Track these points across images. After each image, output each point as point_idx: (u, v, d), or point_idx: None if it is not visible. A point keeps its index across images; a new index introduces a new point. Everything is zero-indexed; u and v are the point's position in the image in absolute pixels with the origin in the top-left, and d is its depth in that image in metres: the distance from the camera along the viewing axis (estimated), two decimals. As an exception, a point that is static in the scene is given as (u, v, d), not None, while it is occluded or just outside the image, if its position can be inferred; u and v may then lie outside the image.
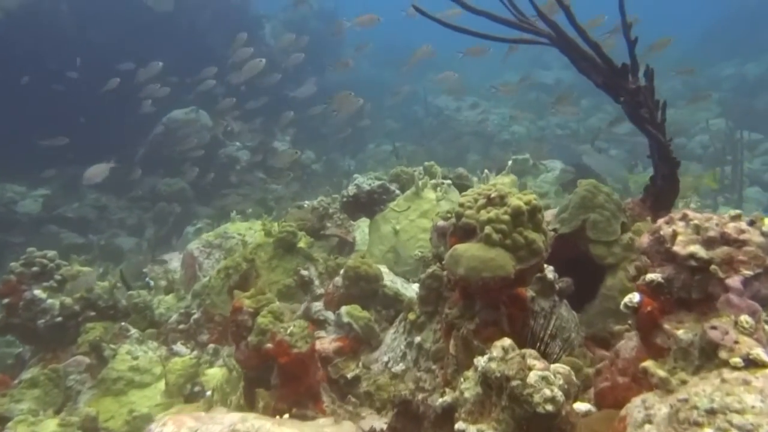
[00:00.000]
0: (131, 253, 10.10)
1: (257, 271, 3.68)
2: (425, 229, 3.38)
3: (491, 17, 2.40)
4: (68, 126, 11.19)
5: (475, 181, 7.37)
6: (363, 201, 3.65)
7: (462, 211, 1.99)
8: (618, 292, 2.34)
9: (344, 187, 11.65)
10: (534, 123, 16.97)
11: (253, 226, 4.71)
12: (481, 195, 2.02)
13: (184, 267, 4.53)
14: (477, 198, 2.01)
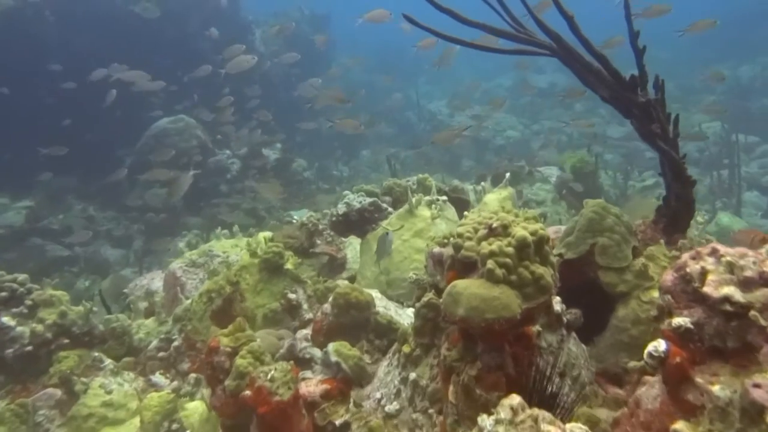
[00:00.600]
0: (118, 265, 9.87)
1: (242, 295, 3.47)
2: (419, 250, 3.18)
3: (488, 30, 2.20)
4: (53, 135, 10.96)
5: (470, 191, 7.19)
6: (353, 220, 3.45)
7: (461, 243, 1.78)
8: (631, 323, 2.15)
9: (337, 194, 11.44)
10: (528, 127, 16.85)
11: (239, 243, 4.49)
12: (482, 224, 1.81)
13: (165, 288, 4.30)
14: (477, 228, 1.81)
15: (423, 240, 3.21)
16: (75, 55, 11.06)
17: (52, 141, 10.69)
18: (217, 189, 11.03)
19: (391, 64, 22.88)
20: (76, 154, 11.12)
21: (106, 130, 11.54)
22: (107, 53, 11.35)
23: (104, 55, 11.33)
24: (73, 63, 10.96)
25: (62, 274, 9.35)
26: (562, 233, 2.47)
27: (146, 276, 4.81)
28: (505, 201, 4.13)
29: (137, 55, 11.59)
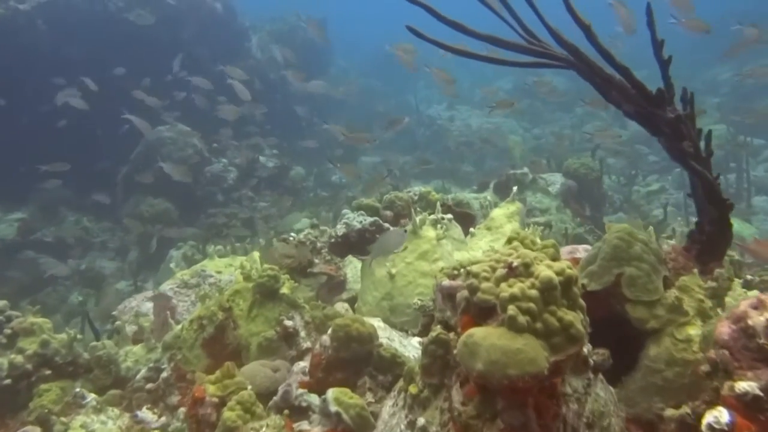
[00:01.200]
0: (113, 278, 9.64)
1: (235, 322, 3.25)
2: (425, 273, 2.96)
3: (499, 43, 1.99)
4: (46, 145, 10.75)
5: (473, 201, 6.98)
6: (353, 241, 3.23)
7: (477, 284, 1.56)
8: (665, 364, 1.93)
9: (336, 202, 11.22)
10: (529, 131, 16.65)
11: (233, 262, 4.27)
12: (500, 262, 1.59)
13: (155, 310, 4.08)
14: (494, 266, 1.59)
15: (428, 263, 2.99)
16: (68, 63, 10.86)
17: (45, 151, 10.50)
18: (213, 198, 10.82)
19: (389, 68, 22.73)
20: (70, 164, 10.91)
21: (101, 139, 11.33)
22: (101, 61, 11.17)
23: (98, 63, 11.15)
24: (66, 71, 10.76)
25: (55, 287, 9.13)
26: (582, 260, 2.25)
27: (136, 297, 4.59)
28: (513, 216, 3.92)
29: (131, 63, 11.41)
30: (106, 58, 11.19)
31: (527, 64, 2.08)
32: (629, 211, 10.46)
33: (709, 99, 16.13)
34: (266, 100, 14.13)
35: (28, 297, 8.88)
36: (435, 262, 2.98)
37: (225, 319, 3.25)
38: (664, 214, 8.27)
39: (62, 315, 8.48)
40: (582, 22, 1.91)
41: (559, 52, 2.02)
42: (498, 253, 1.63)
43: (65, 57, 10.82)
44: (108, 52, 11.23)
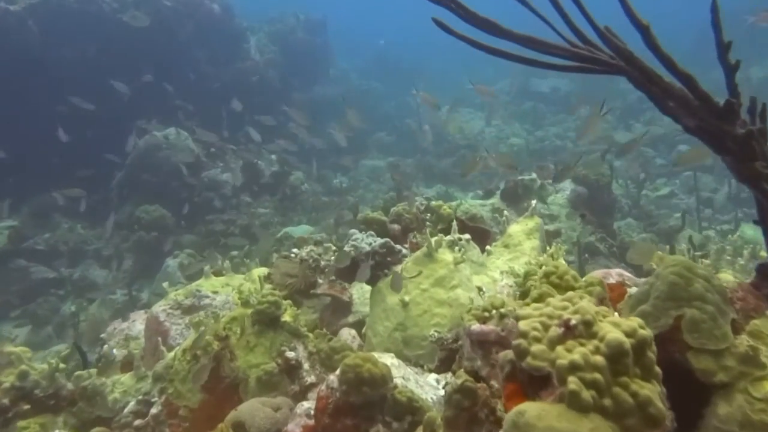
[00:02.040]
0: (107, 287, 9.33)
1: (232, 352, 2.95)
2: (441, 302, 2.67)
3: (537, 45, 1.71)
4: (41, 149, 10.48)
5: (483, 212, 6.67)
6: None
7: (526, 346, 1.27)
8: (738, 427, 1.63)
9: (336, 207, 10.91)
10: (532, 134, 16.36)
11: (230, 281, 3.97)
12: (553, 318, 1.30)
13: (146, 334, 3.79)
14: (546, 323, 1.30)
15: (445, 290, 2.70)
16: (61, 65, 10.58)
17: (40, 155, 10.22)
18: (211, 205, 10.51)
19: (389, 70, 22.46)
20: (65, 168, 10.64)
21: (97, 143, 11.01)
22: (95, 63, 10.88)
23: (92, 65, 10.86)
24: (59, 73, 10.47)
25: (47, 297, 8.83)
26: (631, 297, 1.96)
27: (127, 317, 4.29)
28: (532, 233, 3.63)
29: (126, 65, 11.12)
30: (101, 60, 10.91)
31: (569, 68, 1.79)
32: (639, 218, 10.18)
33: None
34: (264, 103, 13.87)
35: (20, 308, 8.59)
36: (453, 289, 2.69)
37: (221, 350, 2.96)
38: (683, 221, 7.99)
39: (54, 327, 8.19)
40: (640, 22, 1.63)
41: (607, 57, 1.73)
42: (549, 306, 1.33)
43: (58, 59, 10.52)
44: (102, 55, 10.94)
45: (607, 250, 7.62)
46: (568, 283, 1.87)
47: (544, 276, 1.90)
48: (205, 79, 13.22)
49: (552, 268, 1.89)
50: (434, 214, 3.94)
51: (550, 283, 1.89)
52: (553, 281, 1.89)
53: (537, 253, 3.57)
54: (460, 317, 2.67)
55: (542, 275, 1.91)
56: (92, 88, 10.65)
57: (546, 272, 1.88)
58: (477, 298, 2.79)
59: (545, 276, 1.89)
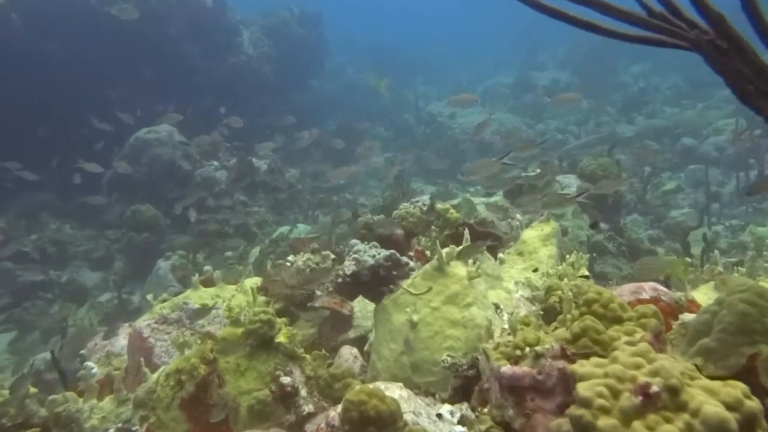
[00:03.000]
0: (97, 290, 9.02)
1: (221, 377, 2.65)
2: (455, 322, 2.37)
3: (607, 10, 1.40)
4: (25, 146, 10.13)
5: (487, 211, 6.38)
6: (366, 280, 2.63)
7: (589, 420, 0.97)
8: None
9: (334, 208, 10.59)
10: (532, 128, 16.05)
11: (221, 292, 3.67)
12: (624, 381, 1.00)
13: (130, 351, 3.49)
14: (615, 387, 1.00)
15: (459, 308, 2.40)
16: (46, 59, 10.21)
17: (24, 152, 9.86)
18: (204, 204, 10.18)
19: (386, 64, 22.10)
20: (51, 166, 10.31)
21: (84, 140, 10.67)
22: (81, 58, 10.52)
23: (78, 60, 10.50)
24: (44, 68, 10.11)
25: (35, 301, 8.50)
26: (687, 327, 1.66)
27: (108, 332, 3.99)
28: (548, 239, 3.33)
29: (114, 60, 10.77)
30: (88, 54, 10.54)
31: (641, 39, 1.49)
32: (645, 213, 9.91)
33: (717, 91, 15.56)
34: (257, 98, 13.52)
35: (5, 312, 8.27)
36: (467, 307, 2.39)
37: (208, 374, 2.66)
38: (701, 219, 7.71)
39: (41, 332, 7.87)
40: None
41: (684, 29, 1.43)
42: (617, 363, 1.04)
43: (43, 52, 10.15)
44: (89, 49, 10.57)
45: (615, 249, 7.33)
46: (615, 313, 1.57)
47: (585, 304, 1.61)
48: (196, 74, 12.85)
49: (594, 295, 1.59)
50: (441, 218, 3.64)
51: (593, 314, 1.60)
52: (596, 311, 1.59)
53: (554, 261, 3.28)
54: (476, 339, 2.38)
55: (582, 303, 1.61)
56: (78, 83, 10.32)
57: (587, 300, 1.58)
58: (494, 317, 2.50)
59: (586, 304, 1.60)
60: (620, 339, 1.50)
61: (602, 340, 1.51)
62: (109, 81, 10.58)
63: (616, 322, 1.59)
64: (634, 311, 1.60)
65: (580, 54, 20.04)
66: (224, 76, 13.26)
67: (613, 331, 1.54)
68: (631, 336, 1.52)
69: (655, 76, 18.59)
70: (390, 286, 2.63)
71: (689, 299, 2.50)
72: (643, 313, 1.55)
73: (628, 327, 1.55)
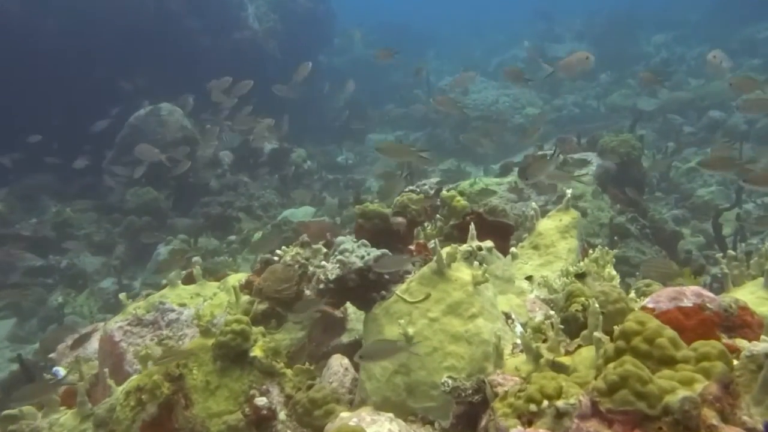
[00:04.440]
0: (98, 275, 8.76)
1: (187, 397, 2.31)
2: (457, 337, 1.98)
3: None
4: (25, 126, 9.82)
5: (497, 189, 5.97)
6: (353, 285, 2.23)
7: None
8: None
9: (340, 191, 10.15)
10: (548, 102, 15.41)
11: (202, 290, 3.30)
12: None
13: (100, 357, 3.16)
14: None
15: (462, 320, 2.00)
16: (43, 37, 9.85)
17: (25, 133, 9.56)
18: (206, 186, 9.84)
19: (396, 39, 21.40)
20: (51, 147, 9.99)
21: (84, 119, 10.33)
22: (79, 36, 10.13)
23: (76, 37, 10.12)
24: (42, 45, 9.76)
25: (34, 287, 8.26)
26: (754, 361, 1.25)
27: (83, 332, 3.67)
28: (568, 231, 2.91)
29: (112, 37, 10.38)
30: (84, 32, 10.15)
31: None
32: (669, 191, 9.39)
33: (747, 60, 14.79)
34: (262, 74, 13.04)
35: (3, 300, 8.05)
36: (472, 319, 2.00)
37: (173, 394, 2.31)
38: (737, 199, 7.19)
39: (39, 320, 7.64)
40: None
41: None
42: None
43: (39, 28, 9.79)
44: (86, 26, 10.17)
45: (638, 232, 6.87)
46: (665, 352, 1.17)
47: (622, 337, 1.20)
48: (199, 51, 12.40)
49: (635, 325, 1.19)
50: (445, 206, 3.23)
51: (634, 351, 1.19)
52: (638, 348, 1.19)
53: (575, 257, 2.87)
54: (482, 358, 1.99)
55: (619, 335, 1.21)
56: (75, 61, 9.96)
57: (625, 331, 1.18)
58: (504, 330, 2.10)
59: (624, 337, 1.20)
60: (675, 392, 1.10)
61: (649, 393, 1.11)
62: (107, 59, 10.19)
63: (667, 365, 1.19)
64: (692, 350, 1.20)
65: (598, 24, 19.19)
66: (228, 52, 12.78)
67: (664, 378, 1.14)
68: (690, 386, 1.12)
69: (679, 46, 17.72)
70: (381, 292, 2.24)
71: (741, 306, 2.08)
72: (705, 353, 1.15)
73: (685, 373, 1.14)
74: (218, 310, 3.12)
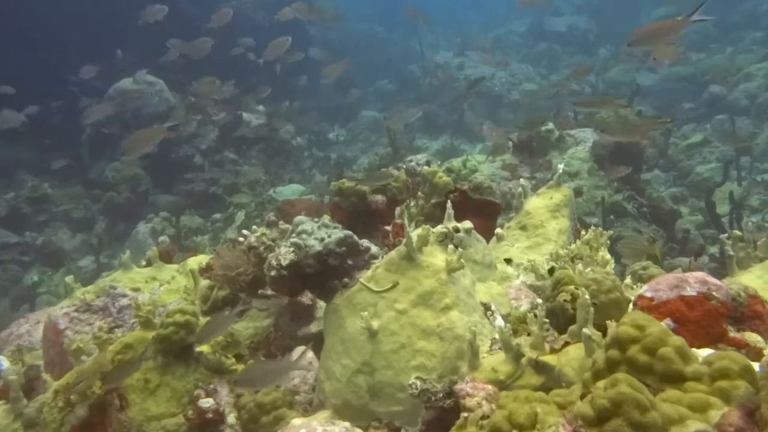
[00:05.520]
0: (77, 253, 8.47)
1: (123, 397, 2.03)
2: (428, 332, 1.70)
3: None
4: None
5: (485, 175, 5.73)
6: (310, 272, 1.92)
7: None
8: None
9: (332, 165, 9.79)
10: (546, 78, 15.00)
11: (158, 274, 3.02)
12: None
13: (44, 346, 2.88)
14: None
15: (434, 312, 1.73)
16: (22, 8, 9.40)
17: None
18: (191, 161, 9.50)
19: (390, 11, 20.84)
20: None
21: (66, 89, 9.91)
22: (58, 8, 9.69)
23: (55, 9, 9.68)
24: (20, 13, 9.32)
25: (6, 266, 7.95)
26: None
27: (31, 317, 3.40)
28: (559, 210, 2.63)
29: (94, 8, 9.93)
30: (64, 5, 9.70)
31: None
32: (667, 169, 9.10)
33: (749, 33, 14.38)
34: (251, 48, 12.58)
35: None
36: (445, 311, 1.72)
37: (106, 394, 2.04)
38: (725, 174, 6.94)
39: (11, 300, 7.36)
40: None
41: None
42: None
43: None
44: None
45: (635, 210, 6.61)
46: (670, 367, 0.89)
47: (615, 345, 0.92)
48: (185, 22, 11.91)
49: (632, 330, 0.92)
50: (426, 183, 2.93)
51: (631, 365, 0.91)
52: (636, 360, 0.91)
53: (566, 238, 2.59)
54: (455, 357, 1.72)
55: (611, 343, 0.93)
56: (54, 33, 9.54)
57: (619, 338, 0.90)
58: (482, 323, 1.82)
59: (617, 345, 0.91)
60: (684, 423, 0.83)
61: (650, 424, 0.83)
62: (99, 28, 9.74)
63: (673, 383, 0.91)
64: (706, 364, 0.92)
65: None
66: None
67: (670, 402, 0.86)
68: (704, 414, 0.85)
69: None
70: (344, 279, 1.95)
71: (751, 294, 1.82)
72: (723, 369, 0.87)
73: (697, 396, 0.87)
74: (175, 296, 2.85)
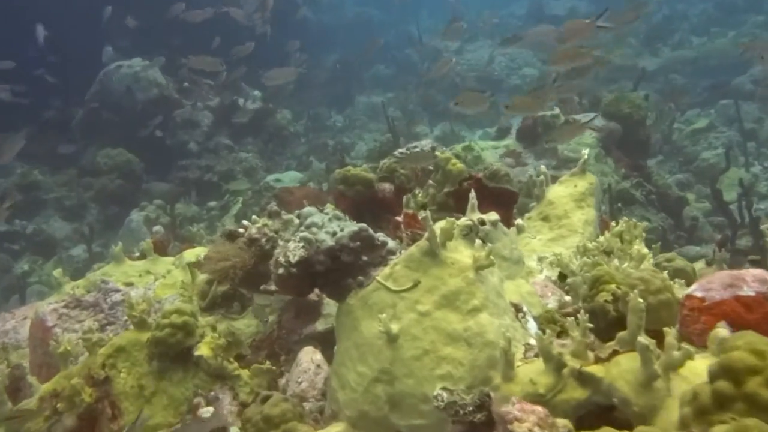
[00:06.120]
0: (68, 241, 8.25)
1: (115, 404, 1.85)
2: (454, 337, 1.52)
3: None
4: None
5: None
6: (321, 269, 1.74)
7: None
8: None
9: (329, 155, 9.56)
10: (546, 63, 14.75)
11: (152, 267, 2.82)
12: None
13: (31, 344, 2.69)
14: None
15: (460, 315, 1.54)
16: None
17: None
18: (185, 148, 9.25)
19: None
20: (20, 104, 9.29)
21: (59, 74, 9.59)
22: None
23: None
24: None
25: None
26: None
27: (18, 312, 3.21)
28: (585, 199, 2.44)
29: None
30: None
31: None
32: (671, 155, 8.95)
33: (752, 17, 14.18)
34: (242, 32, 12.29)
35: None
36: (473, 314, 1.54)
37: (97, 402, 1.86)
38: (727, 159, 6.79)
39: (1, 290, 7.15)
40: None
41: None
42: None
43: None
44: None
45: (644, 198, 6.46)
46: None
47: (725, 375, 0.73)
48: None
49: (750, 357, 0.73)
50: (439, 170, 2.74)
51: (750, 402, 0.72)
52: (756, 396, 0.71)
53: (593, 230, 2.40)
54: (486, 365, 1.54)
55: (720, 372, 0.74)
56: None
57: (732, 367, 0.71)
58: (514, 328, 1.64)
59: (729, 376, 0.72)
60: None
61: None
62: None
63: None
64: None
65: (599, -20, 18.38)
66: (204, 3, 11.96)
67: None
68: None
69: (681, 3, 16.97)
70: (359, 277, 1.76)
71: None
72: None
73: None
74: (171, 291, 2.66)
